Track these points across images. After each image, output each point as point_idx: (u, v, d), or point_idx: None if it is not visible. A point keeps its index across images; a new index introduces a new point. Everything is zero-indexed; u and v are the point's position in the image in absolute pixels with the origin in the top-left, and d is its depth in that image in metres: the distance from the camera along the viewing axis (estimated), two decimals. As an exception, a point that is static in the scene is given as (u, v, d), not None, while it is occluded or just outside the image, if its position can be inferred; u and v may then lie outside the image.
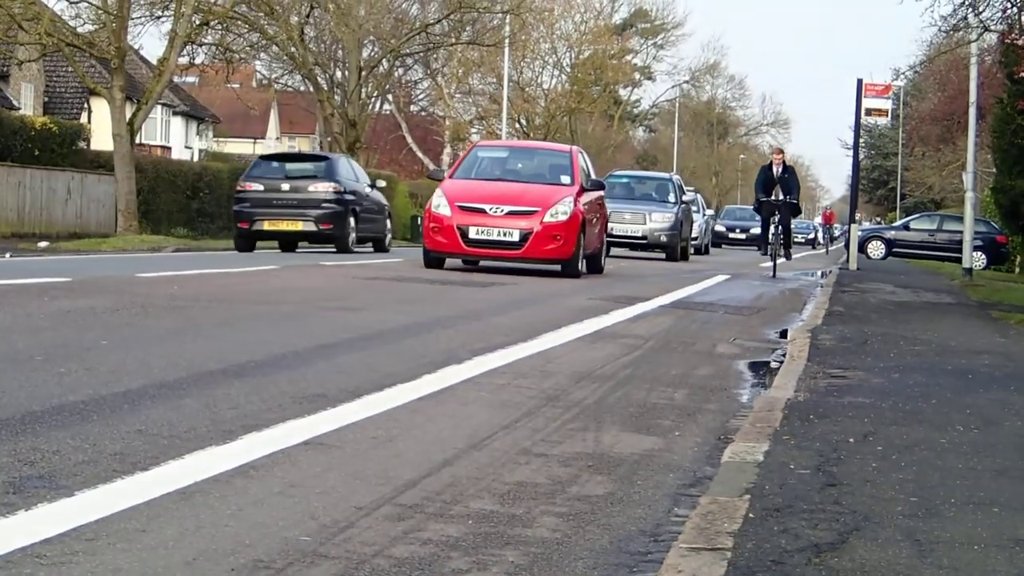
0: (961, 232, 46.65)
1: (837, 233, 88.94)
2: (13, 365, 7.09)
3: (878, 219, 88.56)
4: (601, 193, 22.13)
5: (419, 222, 41.64)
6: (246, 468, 5.06)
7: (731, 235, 58.97)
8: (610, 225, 27.63)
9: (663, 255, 32.48)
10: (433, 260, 19.86)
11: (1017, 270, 38.06)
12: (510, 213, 19.41)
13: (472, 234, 19.33)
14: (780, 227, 24.07)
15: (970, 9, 20.09)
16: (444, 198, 19.74)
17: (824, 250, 59.01)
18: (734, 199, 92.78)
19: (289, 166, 27.55)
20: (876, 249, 47.27)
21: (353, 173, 28.63)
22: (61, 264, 18.02)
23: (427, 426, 6.31)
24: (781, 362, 9.91)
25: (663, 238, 31.71)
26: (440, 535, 4.33)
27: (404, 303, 13.17)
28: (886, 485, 5.18)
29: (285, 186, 26.79)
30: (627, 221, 31.76)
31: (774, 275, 23.73)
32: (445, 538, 4.30)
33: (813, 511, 4.65)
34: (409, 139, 65.10)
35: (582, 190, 20.49)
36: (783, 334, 12.37)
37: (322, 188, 26.78)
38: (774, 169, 24.26)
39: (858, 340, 11.16)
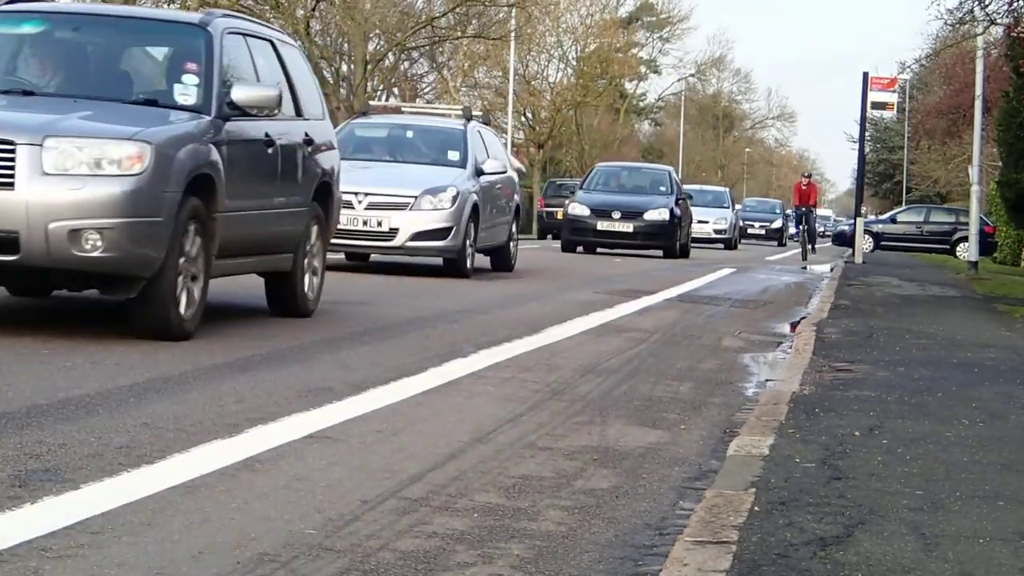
0: (948, 223, 46.79)
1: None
2: (19, 358, 7.09)
3: (876, 212, 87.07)
4: None
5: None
6: (251, 461, 5.06)
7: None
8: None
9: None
10: None
11: (1023, 263, 38.03)
12: None
13: None
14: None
15: (976, 2, 20.07)
16: None
17: (801, 251, 34.61)
18: (739, 193, 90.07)
19: None
20: (864, 243, 46.96)
21: None
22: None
23: (432, 420, 6.31)
24: (787, 356, 9.91)
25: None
26: (445, 528, 4.33)
27: (407, 297, 13.17)
28: (891, 479, 5.17)
29: None
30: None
31: None
32: (450, 531, 4.30)
33: (818, 505, 4.65)
34: (414, 133, 65.00)
35: None
36: (790, 327, 12.38)
37: None
38: None
39: (864, 334, 11.16)
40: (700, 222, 37.78)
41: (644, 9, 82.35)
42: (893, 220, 49.18)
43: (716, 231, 41.26)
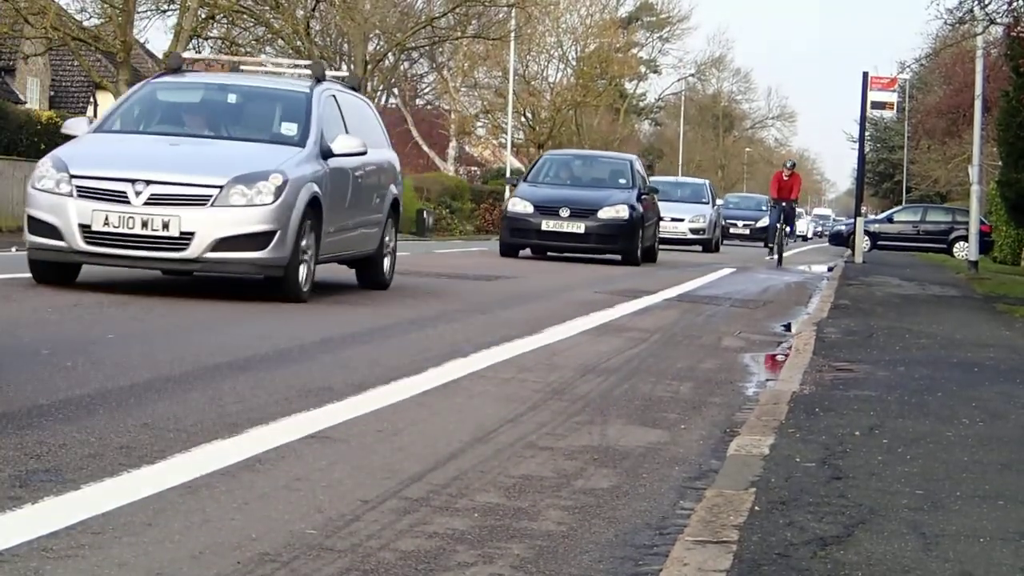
0: (945, 223, 46.82)
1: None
2: (19, 358, 7.09)
3: (875, 212, 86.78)
4: None
5: (425, 215, 41.62)
6: (252, 462, 5.06)
7: None
8: None
9: None
10: None
11: (1023, 263, 38.04)
12: None
13: None
14: None
15: (976, 2, 20.08)
16: None
17: (775, 254, 28.83)
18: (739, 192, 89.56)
19: None
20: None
21: None
22: (67, 258, 17.99)
23: (432, 420, 6.31)
24: (787, 355, 9.91)
25: None
26: (446, 528, 4.33)
27: (407, 297, 13.17)
28: (892, 478, 5.17)
29: None
30: None
31: None
32: (451, 531, 4.30)
33: (819, 504, 4.65)
34: (415, 133, 65.12)
35: None
36: (788, 327, 12.38)
37: None
38: None
39: (864, 333, 11.15)
40: (674, 220, 33.94)
41: (644, 9, 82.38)
42: (890, 220, 49.01)
43: (693, 230, 35.25)
